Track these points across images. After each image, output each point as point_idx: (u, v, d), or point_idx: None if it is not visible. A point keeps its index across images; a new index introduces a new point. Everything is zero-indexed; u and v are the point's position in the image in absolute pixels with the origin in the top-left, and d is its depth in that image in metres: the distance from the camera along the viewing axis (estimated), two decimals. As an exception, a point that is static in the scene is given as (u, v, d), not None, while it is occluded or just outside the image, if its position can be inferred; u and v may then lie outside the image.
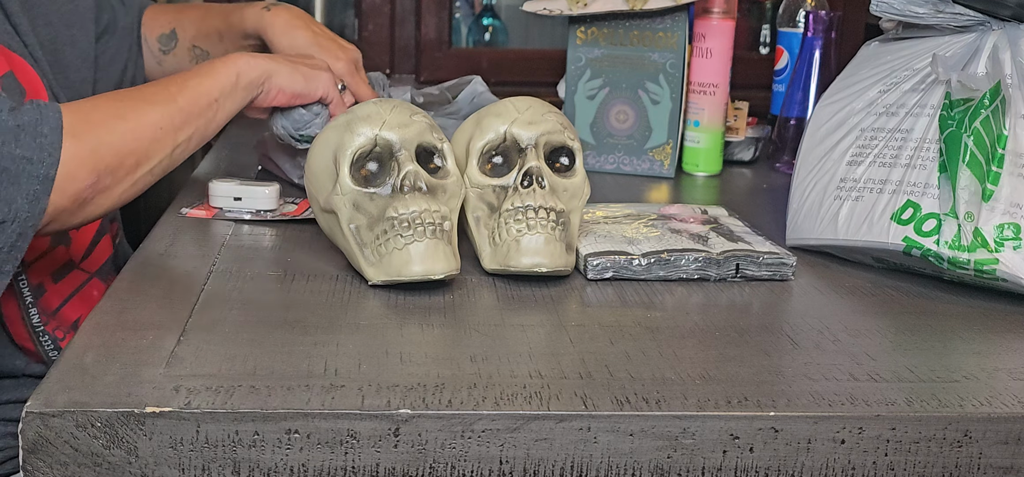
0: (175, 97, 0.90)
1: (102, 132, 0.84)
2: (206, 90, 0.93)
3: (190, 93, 0.92)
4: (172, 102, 0.90)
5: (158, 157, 0.88)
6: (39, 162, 0.79)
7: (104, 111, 0.87)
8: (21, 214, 0.79)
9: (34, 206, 0.80)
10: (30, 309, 1.00)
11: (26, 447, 0.58)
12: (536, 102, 0.87)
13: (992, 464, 0.63)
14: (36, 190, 0.79)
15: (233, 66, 0.95)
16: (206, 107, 0.92)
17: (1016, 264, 0.80)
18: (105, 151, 0.84)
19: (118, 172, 0.85)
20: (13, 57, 0.99)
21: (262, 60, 0.98)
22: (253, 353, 0.67)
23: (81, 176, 0.82)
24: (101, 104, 0.89)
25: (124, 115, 0.87)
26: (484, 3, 2.48)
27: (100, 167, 0.83)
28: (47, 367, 1.02)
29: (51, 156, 0.80)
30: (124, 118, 0.87)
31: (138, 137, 0.86)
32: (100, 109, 0.87)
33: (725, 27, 1.28)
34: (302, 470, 0.60)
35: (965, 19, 0.88)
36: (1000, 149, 0.81)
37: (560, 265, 0.82)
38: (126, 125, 0.86)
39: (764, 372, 0.67)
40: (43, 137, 0.80)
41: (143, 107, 0.88)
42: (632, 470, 0.61)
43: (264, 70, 0.97)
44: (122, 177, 0.85)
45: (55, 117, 0.81)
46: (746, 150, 1.40)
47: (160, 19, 1.27)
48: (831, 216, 0.91)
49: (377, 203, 0.80)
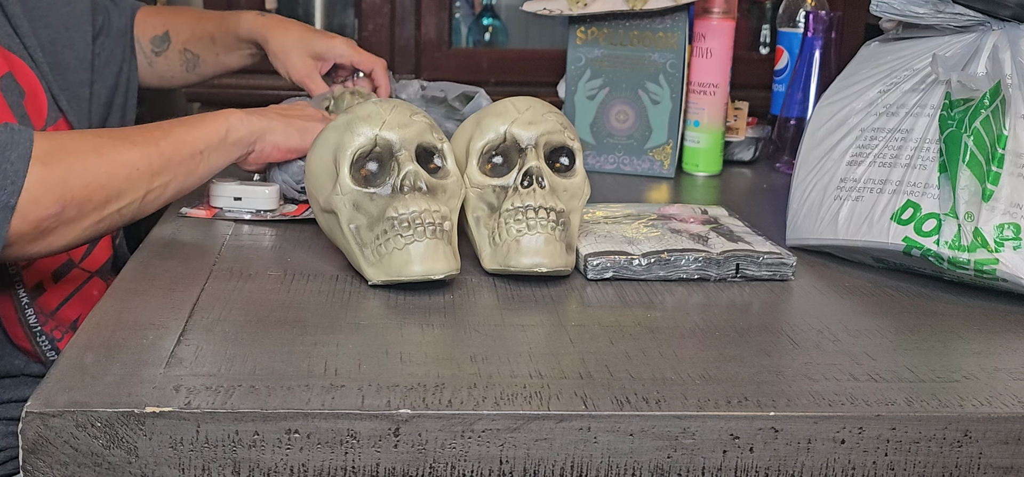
0: (158, 142, 0.88)
1: (74, 162, 0.82)
2: (191, 140, 0.90)
3: (174, 140, 0.89)
4: (153, 146, 0.87)
5: (129, 198, 0.86)
6: (0, 190, 0.77)
7: (81, 143, 0.85)
8: None
9: None
10: (26, 309, 1.00)
11: (26, 447, 0.58)
12: (536, 102, 0.87)
13: (992, 464, 0.63)
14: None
15: (224, 121, 0.93)
16: (188, 157, 0.90)
17: (1016, 264, 0.80)
18: (74, 181, 0.81)
19: (85, 206, 0.82)
20: (12, 58, 0.99)
21: (255, 118, 0.95)
22: (253, 353, 0.67)
23: (45, 203, 0.79)
24: (79, 137, 0.87)
25: (101, 151, 0.85)
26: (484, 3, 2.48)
27: (67, 197, 0.81)
28: (45, 367, 1.02)
29: (13, 184, 0.78)
30: (100, 153, 0.84)
31: (111, 174, 0.84)
32: (77, 141, 0.85)
33: (725, 27, 1.28)
34: (302, 470, 0.60)
35: (965, 19, 0.88)
36: (1000, 149, 0.81)
37: (560, 265, 0.82)
38: (100, 160, 0.84)
39: (764, 372, 0.67)
40: (9, 164, 0.78)
41: (122, 146, 0.86)
42: (632, 470, 0.61)
43: (256, 129, 0.95)
44: (89, 211, 0.83)
45: (25, 144, 0.79)
46: (746, 150, 1.40)
47: (153, 21, 1.28)
48: (831, 216, 0.91)
49: (377, 203, 0.80)
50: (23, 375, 1.02)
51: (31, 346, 1.01)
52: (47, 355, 1.02)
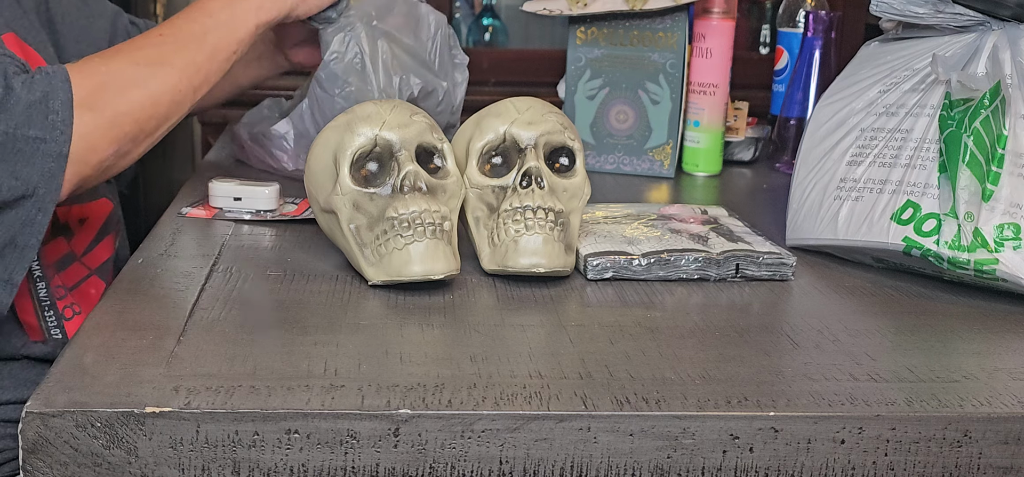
0: (195, 57, 0.91)
1: (120, 102, 0.85)
2: (226, 45, 0.94)
3: (209, 50, 0.92)
4: (192, 63, 0.91)
5: (177, 115, 0.91)
6: (52, 141, 0.80)
7: (120, 77, 0.87)
8: (39, 191, 0.81)
9: (50, 183, 0.81)
10: (38, 283, 1.00)
11: (26, 447, 0.58)
12: (536, 102, 0.87)
13: (992, 464, 0.63)
14: (50, 168, 0.81)
15: (254, 17, 0.96)
16: (224, 61, 0.94)
17: (1016, 264, 0.80)
18: (124, 121, 0.85)
19: (138, 137, 0.87)
20: (29, 50, 1.00)
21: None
22: (253, 353, 0.67)
23: (102, 147, 0.84)
24: (115, 67, 0.89)
25: (143, 82, 0.88)
26: (484, 3, 2.48)
27: (121, 137, 0.85)
28: (46, 345, 1.01)
29: (63, 134, 0.81)
30: (143, 85, 0.87)
31: (157, 103, 0.88)
32: (115, 75, 0.87)
33: (725, 27, 1.28)
34: (302, 470, 0.60)
35: (965, 19, 0.88)
36: (1000, 149, 0.81)
37: (558, 265, 0.82)
38: (145, 93, 0.87)
39: (764, 372, 0.67)
40: (54, 114, 0.81)
41: (162, 72, 0.89)
42: (632, 470, 0.61)
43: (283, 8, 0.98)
44: (142, 139, 0.88)
45: (65, 88, 0.82)
46: (746, 150, 1.40)
47: None
48: (831, 216, 0.91)
49: (377, 203, 0.80)
50: (23, 357, 1.01)
51: (37, 321, 1.01)
52: (51, 331, 1.01)
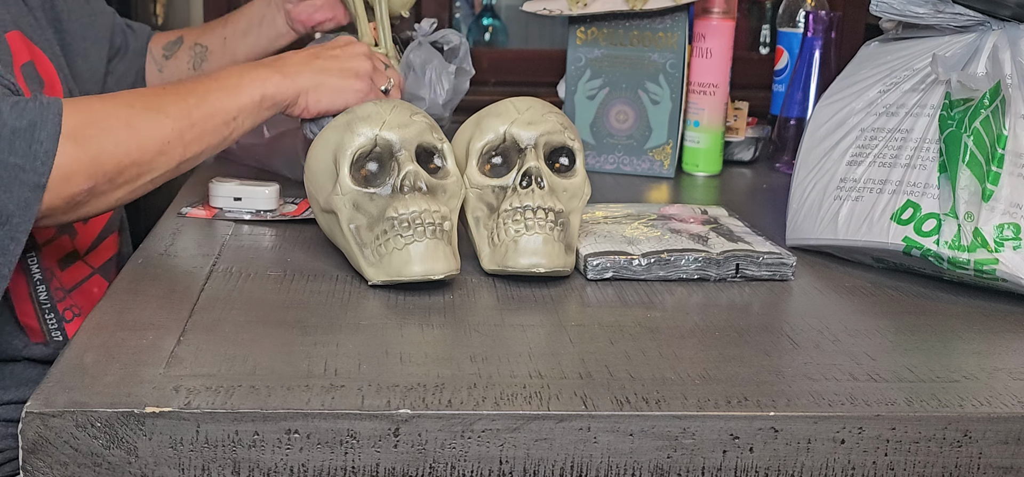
0: (191, 111, 0.86)
1: (106, 140, 0.81)
2: (225, 109, 0.88)
3: (208, 109, 0.87)
4: (187, 116, 0.86)
5: (162, 170, 0.85)
6: (31, 170, 0.77)
7: (113, 117, 0.83)
8: (13, 219, 0.78)
9: (25, 212, 0.78)
10: (38, 286, 1.00)
11: (26, 447, 0.58)
12: (536, 102, 0.87)
13: (992, 464, 0.63)
14: (27, 197, 0.78)
15: (260, 86, 0.91)
16: (221, 125, 0.88)
17: (1016, 264, 0.80)
18: (106, 159, 0.81)
19: (117, 179, 0.82)
20: (34, 49, 1.00)
21: (293, 78, 0.93)
22: (253, 353, 0.67)
23: (77, 181, 0.80)
24: (111, 108, 0.85)
25: (133, 124, 0.83)
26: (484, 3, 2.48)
27: (98, 174, 0.81)
28: (46, 347, 1.01)
29: (44, 164, 0.78)
30: (133, 127, 0.83)
31: (143, 148, 0.83)
32: (109, 113, 0.84)
33: (725, 27, 1.28)
34: (302, 470, 0.60)
35: (965, 19, 0.88)
36: (1000, 149, 0.81)
37: (558, 265, 0.82)
38: (133, 135, 0.83)
39: (764, 372, 0.67)
40: (38, 144, 0.78)
41: (155, 118, 0.85)
42: (632, 470, 0.61)
43: (295, 90, 0.93)
44: (121, 184, 0.83)
45: (54, 120, 0.79)
46: (746, 150, 1.40)
47: (170, 34, 1.30)
48: (831, 216, 0.91)
49: (377, 203, 0.80)
50: (23, 358, 1.01)
51: (37, 323, 1.01)
52: (52, 334, 1.01)
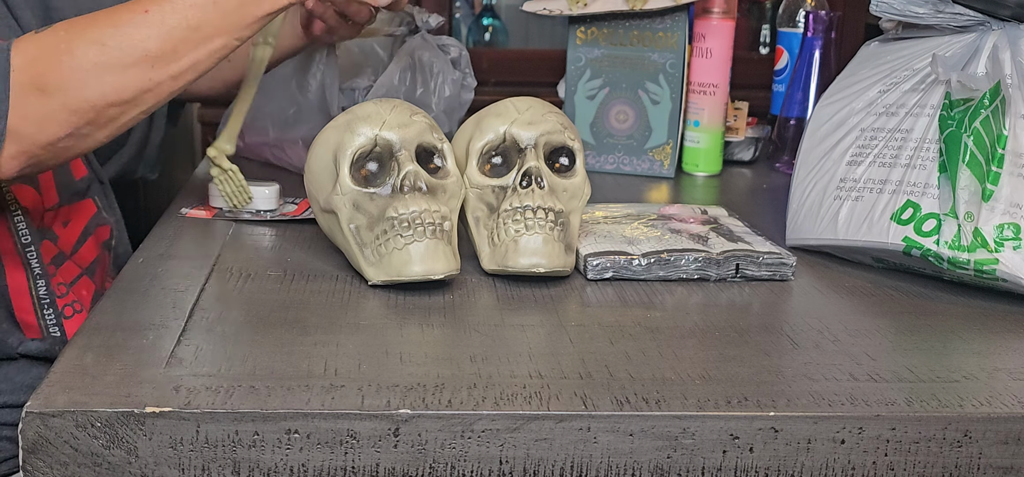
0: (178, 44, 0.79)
1: (76, 85, 0.76)
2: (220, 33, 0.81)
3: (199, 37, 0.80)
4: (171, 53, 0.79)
5: (148, 104, 0.79)
6: None
7: (82, 58, 0.76)
8: None
9: None
10: (38, 281, 0.99)
11: (26, 447, 0.58)
12: (536, 102, 0.87)
13: (992, 464, 0.63)
14: None
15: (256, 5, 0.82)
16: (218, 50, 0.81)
17: (1016, 264, 0.80)
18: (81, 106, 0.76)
19: (97, 122, 0.78)
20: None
21: None
22: (253, 353, 0.67)
23: (52, 129, 0.76)
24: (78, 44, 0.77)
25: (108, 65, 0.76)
26: (484, 3, 2.48)
27: (76, 122, 0.76)
28: (44, 343, 1.01)
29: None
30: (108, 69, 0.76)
31: (121, 89, 0.77)
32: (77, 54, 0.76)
33: (725, 27, 1.28)
34: (302, 470, 0.60)
35: (965, 19, 0.88)
36: (1000, 149, 0.81)
37: (558, 265, 0.82)
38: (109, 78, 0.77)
39: (764, 372, 0.67)
40: None
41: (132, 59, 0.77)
42: (632, 470, 0.61)
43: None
44: (104, 125, 0.79)
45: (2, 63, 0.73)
46: (746, 150, 1.40)
47: None
48: (831, 216, 0.91)
49: (377, 203, 0.80)
50: (20, 356, 1.01)
51: (35, 319, 1.00)
52: (50, 329, 1.01)
